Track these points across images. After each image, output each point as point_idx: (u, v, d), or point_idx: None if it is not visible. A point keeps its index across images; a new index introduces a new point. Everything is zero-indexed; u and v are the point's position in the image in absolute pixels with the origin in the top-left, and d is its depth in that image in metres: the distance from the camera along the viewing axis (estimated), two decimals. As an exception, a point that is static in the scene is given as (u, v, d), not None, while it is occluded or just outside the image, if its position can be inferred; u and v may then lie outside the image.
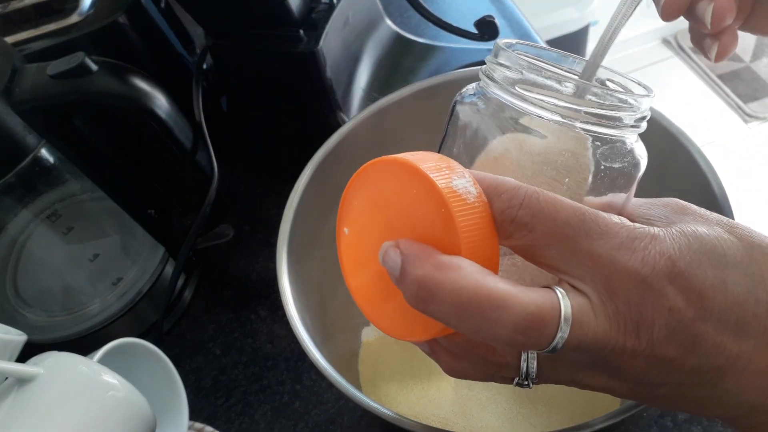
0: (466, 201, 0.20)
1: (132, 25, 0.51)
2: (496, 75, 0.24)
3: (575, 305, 0.20)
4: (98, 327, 0.51)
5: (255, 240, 0.60)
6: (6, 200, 0.47)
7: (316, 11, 0.53)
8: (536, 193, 0.21)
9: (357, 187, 0.23)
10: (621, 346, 0.20)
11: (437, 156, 0.22)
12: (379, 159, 0.22)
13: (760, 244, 0.21)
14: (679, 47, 1.98)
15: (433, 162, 0.21)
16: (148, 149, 0.46)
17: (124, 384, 0.34)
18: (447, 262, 0.20)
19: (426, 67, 0.63)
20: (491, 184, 0.21)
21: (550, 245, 0.21)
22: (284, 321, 0.37)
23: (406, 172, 0.21)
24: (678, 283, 0.20)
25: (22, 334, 0.35)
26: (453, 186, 0.20)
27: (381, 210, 0.23)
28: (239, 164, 0.63)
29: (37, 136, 0.42)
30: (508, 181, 0.21)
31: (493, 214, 0.21)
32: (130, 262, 0.53)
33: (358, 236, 0.24)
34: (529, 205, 0.20)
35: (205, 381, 0.52)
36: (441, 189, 0.20)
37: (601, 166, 0.24)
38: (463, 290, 0.19)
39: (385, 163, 0.22)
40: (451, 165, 0.21)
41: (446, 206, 0.20)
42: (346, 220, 0.24)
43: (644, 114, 0.24)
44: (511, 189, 0.21)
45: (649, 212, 0.24)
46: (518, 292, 0.20)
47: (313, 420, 0.48)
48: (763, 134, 1.74)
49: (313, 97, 0.55)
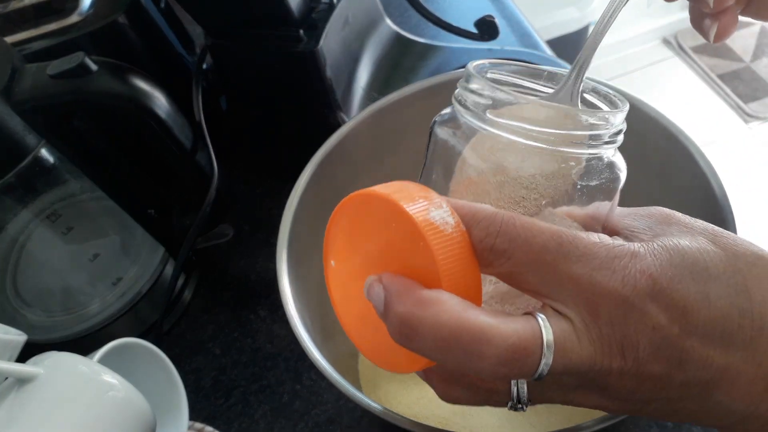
0: (444, 232, 0.20)
1: (132, 24, 0.51)
2: (468, 101, 0.24)
3: (557, 331, 0.20)
4: (98, 327, 0.51)
5: (255, 240, 0.60)
6: (6, 200, 0.47)
7: (316, 11, 0.53)
8: (512, 219, 0.21)
9: (338, 221, 0.23)
10: (607, 368, 0.20)
11: (414, 186, 0.22)
12: (356, 193, 0.22)
13: (744, 253, 0.21)
14: (679, 47, 1.97)
15: (409, 193, 0.21)
16: (147, 149, 0.46)
17: (124, 384, 0.34)
18: (428, 298, 0.20)
19: (426, 67, 0.63)
20: (468, 212, 0.21)
21: (530, 271, 0.21)
22: (284, 321, 0.37)
23: (383, 205, 0.21)
24: (660, 300, 0.20)
25: (22, 334, 0.35)
26: (430, 218, 0.20)
27: (363, 243, 0.23)
28: (239, 164, 0.63)
29: (37, 136, 0.42)
30: (485, 208, 0.21)
31: (472, 242, 0.21)
32: (130, 262, 0.53)
33: (344, 268, 0.24)
34: (506, 233, 0.20)
35: (204, 381, 0.52)
36: (418, 222, 0.20)
37: (578, 186, 0.24)
38: (444, 326, 0.20)
39: (362, 197, 0.22)
40: (428, 195, 0.21)
41: (424, 240, 0.20)
42: (331, 253, 0.24)
43: (620, 128, 0.24)
44: (487, 217, 0.21)
45: (633, 224, 0.24)
46: (499, 323, 0.20)
47: (313, 420, 0.48)
48: (763, 134, 1.74)
49: (313, 97, 0.55)
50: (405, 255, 0.21)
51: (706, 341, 0.20)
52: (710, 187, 0.38)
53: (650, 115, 0.42)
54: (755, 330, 0.20)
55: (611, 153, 0.25)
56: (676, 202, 0.42)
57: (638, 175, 0.46)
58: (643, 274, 0.20)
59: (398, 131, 0.49)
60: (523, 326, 0.20)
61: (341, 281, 0.25)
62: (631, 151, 0.44)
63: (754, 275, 0.21)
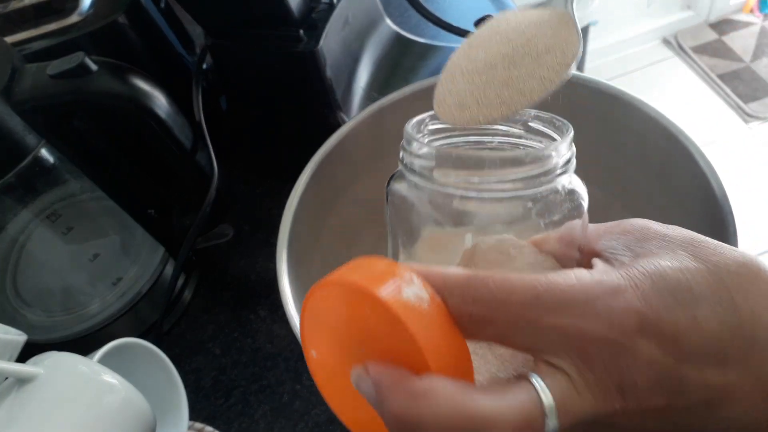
0: (422, 310, 0.19)
1: (131, 24, 0.51)
2: (414, 165, 0.24)
3: (557, 392, 0.20)
4: (98, 327, 0.51)
5: (255, 240, 0.60)
6: (6, 200, 0.47)
7: (316, 11, 0.53)
8: (485, 280, 0.20)
9: (311, 310, 0.22)
10: (611, 411, 0.20)
11: (379, 262, 0.21)
12: (324, 282, 0.21)
13: (726, 263, 0.21)
14: (680, 47, 1.97)
15: (376, 273, 0.20)
16: (147, 149, 0.46)
17: (124, 384, 0.34)
18: (422, 390, 0.19)
19: (426, 66, 0.63)
20: (440, 280, 0.20)
21: (515, 331, 0.20)
22: (284, 321, 0.37)
23: (353, 293, 0.20)
24: (650, 334, 0.20)
25: (22, 334, 0.35)
26: (404, 298, 0.19)
27: (341, 329, 0.22)
28: (239, 164, 0.63)
29: (37, 136, 0.42)
30: (456, 274, 0.21)
31: (450, 312, 0.20)
32: (130, 262, 0.53)
33: (327, 357, 0.23)
34: (481, 298, 0.20)
35: (204, 381, 0.52)
36: (393, 307, 0.19)
37: (542, 223, 0.24)
38: (445, 419, 0.19)
39: (331, 286, 0.21)
40: (395, 270, 0.20)
41: (402, 324, 0.19)
42: (310, 343, 0.23)
43: (568, 156, 0.23)
44: (460, 283, 0.20)
45: (611, 244, 0.23)
46: (499, 403, 0.19)
47: (313, 420, 0.48)
48: (763, 134, 1.74)
49: (313, 97, 0.55)
50: (386, 339, 0.20)
51: (702, 365, 0.20)
52: (710, 187, 0.38)
53: (650, 115, 0.42)
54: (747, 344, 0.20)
55: (567, 181, 0.24)
56: (676, 202, 0.42)
57: (638, 175, 0.46)
58: (628, 311, 0.20)
59: (398, 131, 0.49)
60: (522, 400, 0.20)
61: (327, 371, 0.23)
62: (631, 151, 0.45)
63: (738, 286, 0.21)
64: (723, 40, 1.97)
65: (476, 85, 0.25)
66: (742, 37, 1.96)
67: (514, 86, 0.24)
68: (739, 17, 2.03)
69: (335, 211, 0.47)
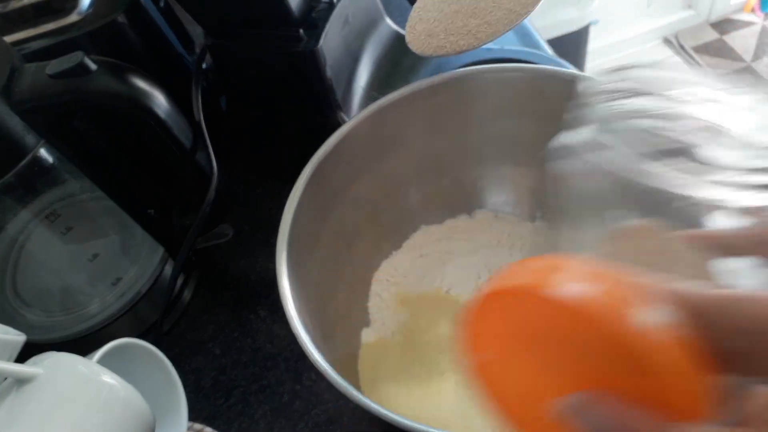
0: (670, 346, 0.15)
1: (131, 24, 0.51)
2: (615, 159, 0.18)
3: None
4: (97, 327, 0.50)
5: (255, 240, 0.60)
6: (5, 200, 0.47)
7: (316, 10, 0.53)
8: (738, 301, 0.16)
9: (487, 312, 0.19)
10: None
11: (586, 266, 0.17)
12: (521, 288, 0.18)
13: None
14: (680, 47, 1.97)
15: (603, 288, 0.16)
16: (147, 149, 0.46)
17: (124, 384, 0.34)
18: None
19: (426, 66, 0.63)
20: (694, 300, 0.16)
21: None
22: (284, 321, 0.37)
23: (561, 309, 0.16)
24: None
25: (22, 334, 0.35)
26: (649, 326, 0.15)
27: (532, 342, 0.18)
28: (239, 164, 0.63)
29: (36, 136, 0.42)
30: (701, 294, 0.16)
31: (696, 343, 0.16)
32: (130, 262, 0.53)
33: (503, 369, 0.20)
34: (741, 327, 0.15)
35: (204, 381, 0.52)
36: (642, 344, 0.15)
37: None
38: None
39: (533, 297, 0.17)
40: (618, 282, 0.16)
41: (650, 361, 0.15)
42: (482, 349, 0.20)
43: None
44: (709, 303, 0.16)
45: None
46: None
47: (313, 420, 0.48)
48: (763, 134, 1.74)
49: (313, 97, 0.55)
50: (602, 366, 0.17)
51: None
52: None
53: (651, 114, 0.41)
54: None
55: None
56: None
57: (639, 174, 0.46)
58: None
59: (398, 131, 0.49)
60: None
61: (502, 379, 0.20)
62: (631, 151, 0.45)
63: None
64: (724, 39, 1.97)
65: (445, 14, 0.24)
66: (743, 36, 1.96)
67: (480, 16, 0.23)
68: (740, 17, 2.03)
69: (335, 211, 0.47)
